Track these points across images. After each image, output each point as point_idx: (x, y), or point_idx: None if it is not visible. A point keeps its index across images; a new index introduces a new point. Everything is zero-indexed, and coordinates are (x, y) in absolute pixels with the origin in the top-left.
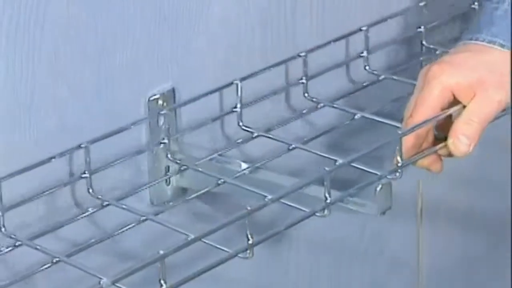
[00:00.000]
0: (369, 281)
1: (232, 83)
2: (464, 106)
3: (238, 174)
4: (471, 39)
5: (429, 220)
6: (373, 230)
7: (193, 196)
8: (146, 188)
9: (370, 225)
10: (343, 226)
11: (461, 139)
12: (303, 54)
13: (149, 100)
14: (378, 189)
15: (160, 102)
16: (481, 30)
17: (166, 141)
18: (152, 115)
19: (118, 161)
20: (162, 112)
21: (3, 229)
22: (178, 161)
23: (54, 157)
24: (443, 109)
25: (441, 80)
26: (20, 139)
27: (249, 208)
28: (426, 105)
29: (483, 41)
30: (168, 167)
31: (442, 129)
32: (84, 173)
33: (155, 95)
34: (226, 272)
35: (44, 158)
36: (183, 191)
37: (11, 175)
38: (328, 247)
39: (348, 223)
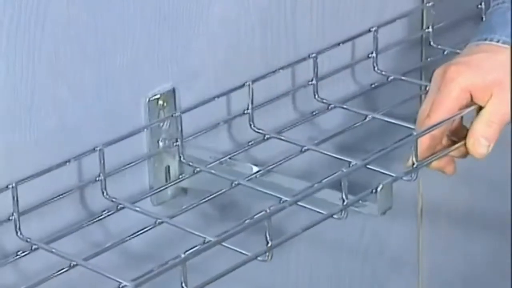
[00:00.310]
0: (369, 281)
1: (243, 85)
2: (480, 107)
3: (250, 177)
4: (485, 40)
5: (429, 220)
6: (373, 230)
7: (207, 199)
8: (161, 190)
9: (370, 225)
10: (343, 226)
11: (481, 141)
12: (313, 55)
13: (149, 100)
14: (378, 189)
15: (160, 102)
16: (495, 30)
17: (178, 143)
18: (153, 116)
19: (132, 164)
20: (176, 115)
21: (19, 233)
22: (191, 163)
23: (69, 161)
24: (460, 110)
25: (459, 82)
26: (20, 139)
27: (268, 210)
28: (444, 107)
29: (497, 41)
30: (169, 167)
31: (453, 131)
32: (99, 176)
33: (155, 95)
34: None
35: (44, 158)
36: (183, 191)
37: (28, 178)
38: (328, 247)
39: (348, 223)
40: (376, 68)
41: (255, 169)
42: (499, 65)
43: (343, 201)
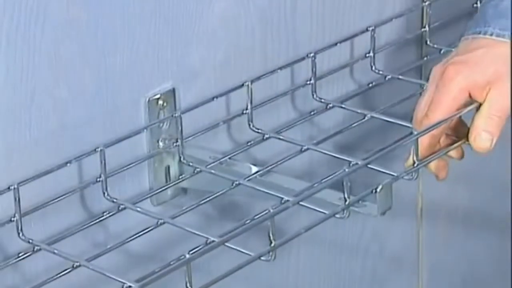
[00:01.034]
0: (369, 281)
1: (243, 85)
2: (480, 104)
3: (250, 177)
4: (479, 33)
5: (429, 220)
6: (373, 230)
7: (207, 199)
8: (161, 191)
9: (370, 225)
10: (343, 226)
11: (483, 135)
12: (311, 54)
13: (149, 100)
14: (378, 189)
15: (160, 102)
16: (489, 23)
17: (178, 143)
18: (152, 116)
19: (133, 164)
20: (176, 115)
21: (21, 234)
22: (191, 164)
23: (70, 161)
24: (458, 109)
25: (459, 81)
26: (20, 139)
27: (270, 210)
28: (442, 107)
29: (491, 34)
30: (169, 167)
31: (453, 130)
32: (100, 177)
33: (155, 95)
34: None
35: (44, 158)
36: (183, 191)
37: (29, 179)
38: (328, 247)
39: (348, 223)
40: (373, 68)
41: (254, 169)
42: (497, 58)
43: (345, 200)
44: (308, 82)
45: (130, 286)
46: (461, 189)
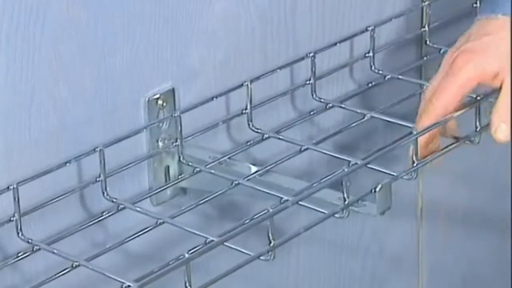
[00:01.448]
0: (369, 281)
1: (242, 84)
2: (479, 104)
3: (250, 177)
4: (492, 12)
5: (429, 220)
6: (373, 230)
7: (207, 199)
8: (160, 190)
9: (370, 225)
10: (343, 226)
11: (503, 127)
12: (311, 54)
13: (148, 100)
14: (377, 189)
15: (160, 102)
16: (498, 5)
17: (178, 143)
18: (152, 116)
19: (133, 164)
20: (175, 115)
21: (20, 234)
22: (190, 163)
23: (69, 161)
24: (463, 97)
25: (468, 70)
26: (20, 139)
27: (270, 210)
28: (448, 93)
29: (504, 14)
30: (168, 167)
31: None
32: (99, 177)
33: (154, 95)
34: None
35: (44, 158)
36: (183, 191)
37: (28, 179)
38: (328, 247)
39: (348, 223)
40: (373, 68)
41: (254, 169)
42: (506, 40)
43: (344, 200)
44: (308, 82)
45: (129, 286)
46: (461, 189)
